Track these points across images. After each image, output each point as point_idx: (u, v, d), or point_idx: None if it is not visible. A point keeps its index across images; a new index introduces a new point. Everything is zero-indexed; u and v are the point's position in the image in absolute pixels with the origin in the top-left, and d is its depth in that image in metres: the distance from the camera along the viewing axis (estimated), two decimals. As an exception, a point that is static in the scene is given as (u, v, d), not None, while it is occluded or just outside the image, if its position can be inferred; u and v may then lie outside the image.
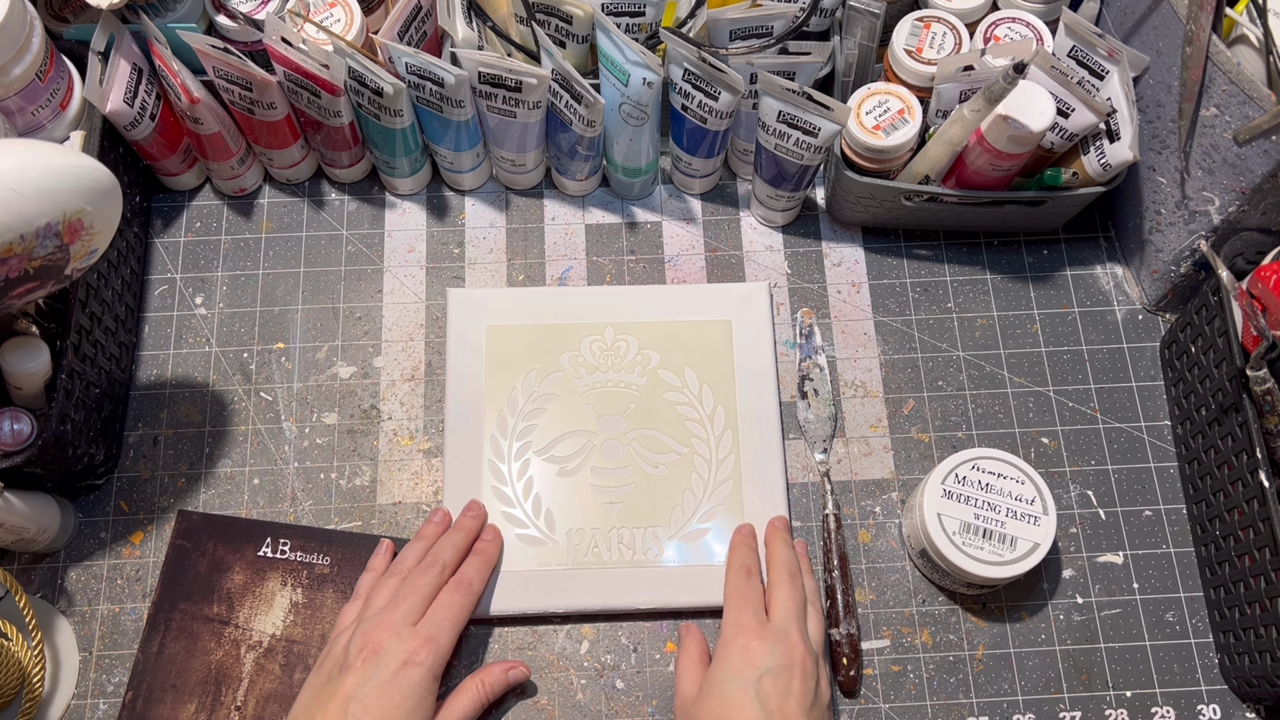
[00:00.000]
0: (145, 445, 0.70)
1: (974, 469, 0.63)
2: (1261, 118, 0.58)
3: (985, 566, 0.61)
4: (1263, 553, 0.59)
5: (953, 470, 0.64)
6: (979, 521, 0.62)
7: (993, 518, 0.62)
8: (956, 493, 0.63)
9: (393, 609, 0.58)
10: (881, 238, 0.76)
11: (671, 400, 0.70)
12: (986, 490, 0.63)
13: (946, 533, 0.62)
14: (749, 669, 0.55)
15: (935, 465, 0.65)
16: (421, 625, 0.58)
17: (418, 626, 0.57)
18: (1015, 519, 0.62)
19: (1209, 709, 0.64)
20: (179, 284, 0.74)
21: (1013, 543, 0.62)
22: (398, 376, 0.72)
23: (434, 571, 0.60)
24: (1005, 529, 0.62)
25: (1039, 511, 0.62)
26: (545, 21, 0.67)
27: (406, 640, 0.56)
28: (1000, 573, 0.61)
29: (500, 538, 0.65)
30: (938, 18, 0.69)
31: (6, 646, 0.60)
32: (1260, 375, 0.58)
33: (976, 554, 0.61)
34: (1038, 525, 0.62)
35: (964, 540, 0.62)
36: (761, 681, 0.55)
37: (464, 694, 0.59)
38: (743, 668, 0.56)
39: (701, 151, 0.71)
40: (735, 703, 0.54)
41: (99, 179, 0.54)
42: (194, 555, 0.66)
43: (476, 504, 0.66)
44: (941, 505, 0.63)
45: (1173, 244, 0.69)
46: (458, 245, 0.76)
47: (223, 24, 0.68)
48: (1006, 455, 0.64)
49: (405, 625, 0.57)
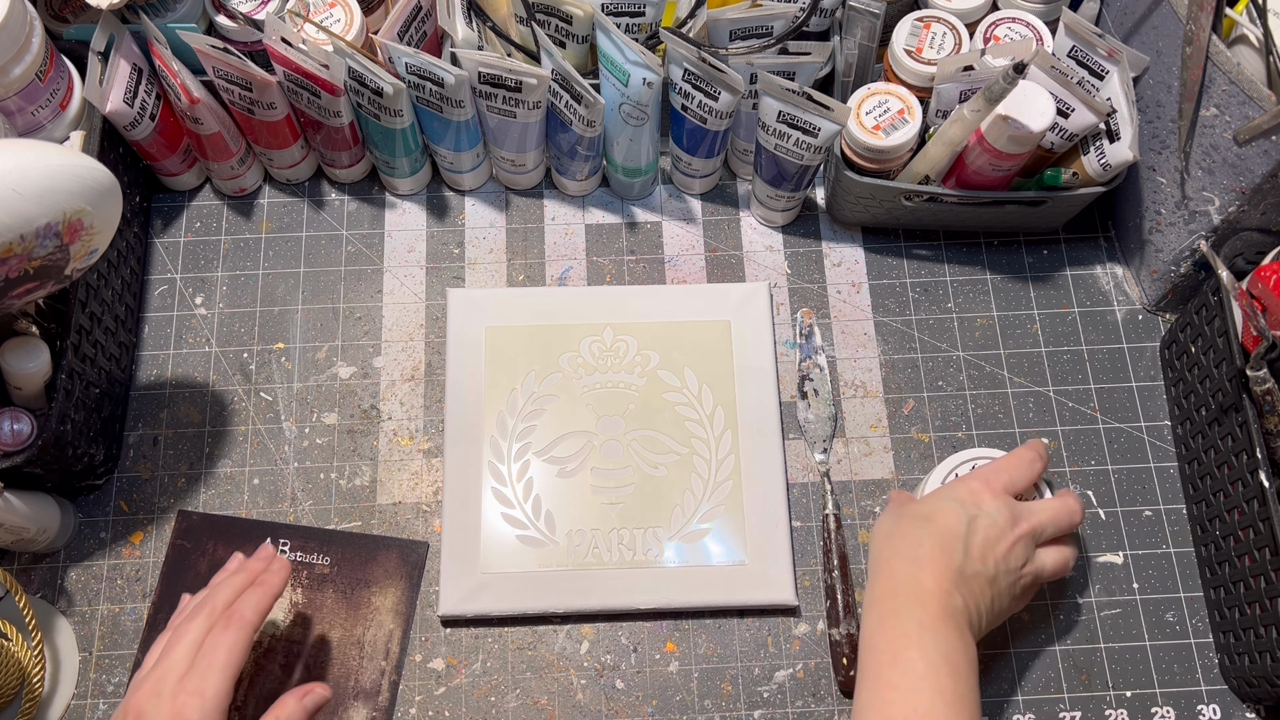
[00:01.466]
0: (145, 445, 0.70)
1: (972, 469, 0.63)
2: (1261, 118, 0.58)
3: None
4: (1263, 553, 0.59)
5: (953, 470, 0.64)
6: None
7: None
8: None
9: (158, 665, 0.53)
10: (881, 238, 0.76)
11: (671, 401, 0.70)
12: None
13: None
14: (971, 504, 0.57)
15: (935, 465, 0.65)
16: (187, 677, 0.52)
17: (184, 679, 0.52)
18: None
19: (1209, 709, 0.64)
20: (179, 284, 0.74)
21: None
22: (398, 377, 0.72)
23: (201, 615, 0.55)
24: None
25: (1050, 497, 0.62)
26: (545, 21, 0.67)
27: (167, 701, 0.51)
28: None
29: (287, 568, 0.58)
30: (938, 18, 0.69)
31: (6, 646, 0.60)
32: (1260, 375, 0.58)
33: None
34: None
35: None
36: (976, 520, 0.56)
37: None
38: (967, 499, 0.57)
39: (701, 151, 0.71)
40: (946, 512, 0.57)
41: (99, 179, 0.54)
42: (194, 555, 0.66)
43: (267, 548, 0.62)
44: None
45: (1173, 244, 0.69)
46: (458, 245, 0.76)
47: (223, 24, 0.68)
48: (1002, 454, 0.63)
49: (169, 681, 0.52)
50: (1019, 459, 0.60)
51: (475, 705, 0.64)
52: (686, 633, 0.65)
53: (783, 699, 0.64)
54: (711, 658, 0.65)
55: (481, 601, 0.64)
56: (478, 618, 0.65)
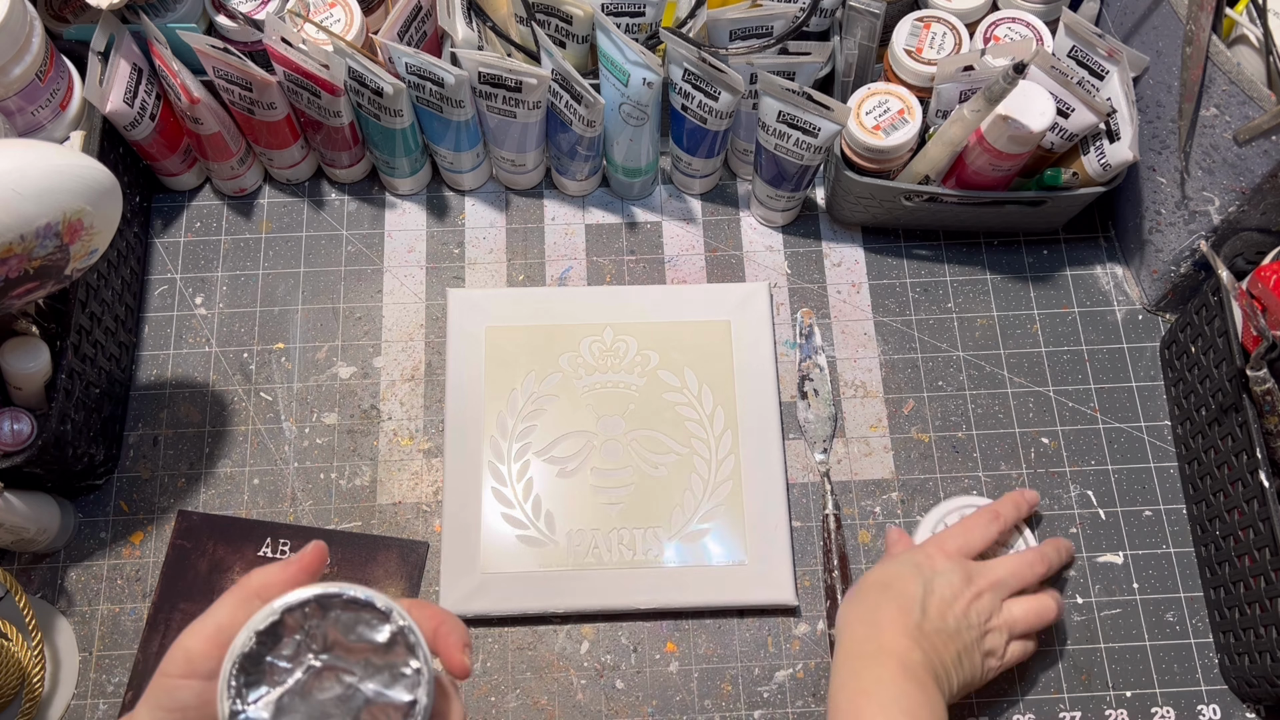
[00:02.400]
0: (145, 445, 0.70)
1: (960, 517, 0.66)
2: (1261, 118, 0.58)
3: None
4: (1263, 553, 0.59)
5: (942, 519, 0.67)
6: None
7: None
8: None
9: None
10: (881, 238, 0.76)
11: (671, 401, 0.70)
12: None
13: None
14: (927, 568, 0.59)
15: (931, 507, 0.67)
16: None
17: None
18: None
19: (1209, 709, 0.64)
20: (179, 284, 0.74)
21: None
22: (398, 376, 0.72)
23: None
24: None
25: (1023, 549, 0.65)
26: (545, 21, 0.67)
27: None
28: None
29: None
30: (938, 18, 0.69)
31: (6, 647, 0.60)
32: (1260, 375, 0.58)
33: None
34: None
35: None
36: (933, 581, 0.58)
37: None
38: (923, 563, 0.59)
39: (701, 151, 0.71)
40: (904, 577, 0.59)
41: (99, 179, 0.54)
42: (194, 555, 0.66)
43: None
44: None
45: (1173, 244, 0.69)
46: (458, 245, 0.76)
47: (223, 24, 0.68)
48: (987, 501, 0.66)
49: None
50: (975, 521, 0.63)
51: (475, 705, 0.64)
52: (686, 633, 0.65)
53: (783, 699, 0.64)
54: (711, 658, 0.65)
55: (481, 601, 0.64)
56: (478, 618, 0.65)
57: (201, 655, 0.38)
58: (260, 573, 0.41)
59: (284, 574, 0.41)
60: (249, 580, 0.41)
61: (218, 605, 0.40)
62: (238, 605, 0.39)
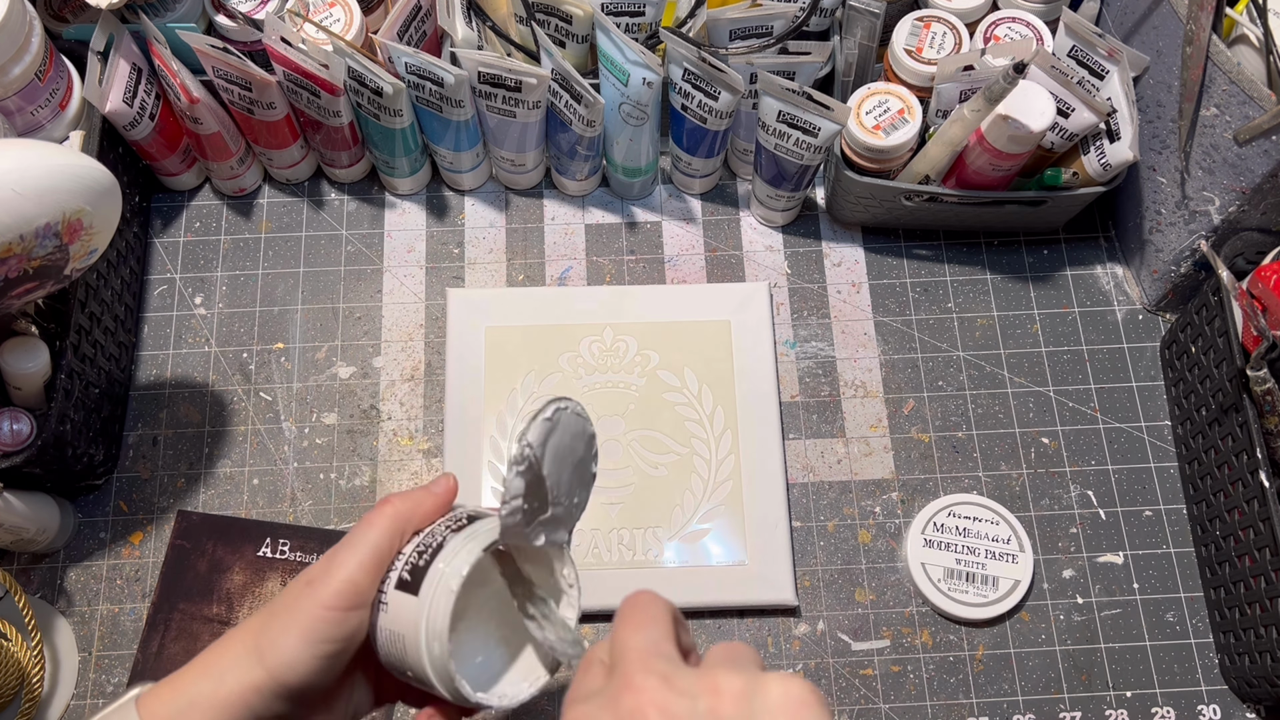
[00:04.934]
0: (145, 445, 0.70)
1: (950, 515, 0.66)
2: (1261, 118, 0.58)
3: (972, 609, 0.64)
4: (1263, 553, 0.59)
5: (931, 519, 0.67)
6: (961, 566, 0.65)
7: (974, 560, 0.66)
8: (937, 540, 0.66)
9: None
10: (881, 238, 0.76)
11: (671, 401, 0.70)
12: (964, 535, 0.66)
13: (932, 580, 0.65)
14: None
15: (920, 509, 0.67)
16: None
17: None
18: (995, 559, 0.66)
19: (1209, 709, 0.64)
20: (179, 284, 0.74)
21: (995, 583, 0.65)
22: (397, 376, 0.72)
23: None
24: (986, 570, 0.65)
25: (1016, 550, 0.66)
26: (545, 21, 0.67)
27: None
28: (987, 613, 0.64)
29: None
30: (938, 17, 0.69)
31: (6, 647, 0.60)
32: (1260, 375, 0.58)
33: (962, 598, 0.65)
34: (1016, 563, 0.65)
35: (949, 586, 0.65)
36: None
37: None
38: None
39: (701, 151, 0.71)
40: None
41: (98, 179, 0.54)
42: (193, 555, 0.66)
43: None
44: (925, 554, 0.66)
45: (1173, 244, 0.69)
46: (457, 245, 0.76)
47: (222, 24, 0.67)
48: (979, 499, 0.67)
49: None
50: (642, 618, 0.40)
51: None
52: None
53: (783, 699, 0.64)
54: (711, 658, 0.65)
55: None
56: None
57: (369, 586, 0.41)
58: (400, 499, 0.43)
59: (427, 503, 0.43)
60: (393, 508, 0.42)
61: (370, 535, 0.41)
62: (391, 534, 0.42)
